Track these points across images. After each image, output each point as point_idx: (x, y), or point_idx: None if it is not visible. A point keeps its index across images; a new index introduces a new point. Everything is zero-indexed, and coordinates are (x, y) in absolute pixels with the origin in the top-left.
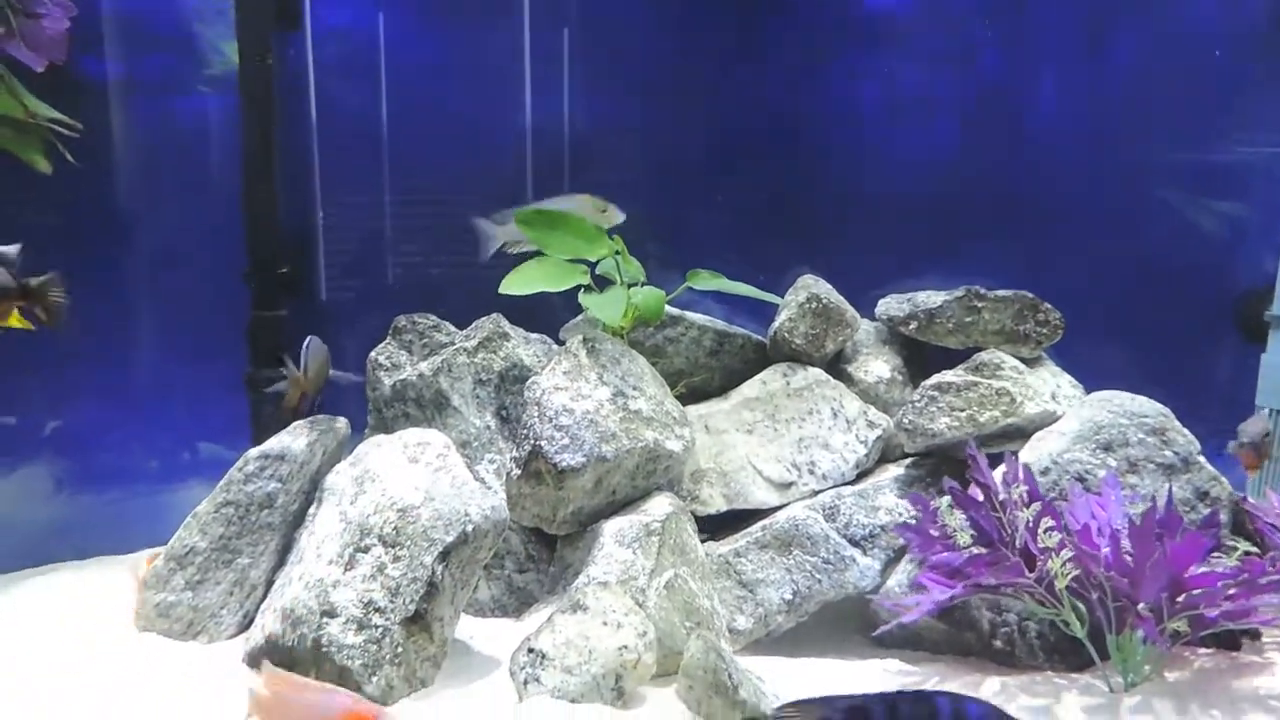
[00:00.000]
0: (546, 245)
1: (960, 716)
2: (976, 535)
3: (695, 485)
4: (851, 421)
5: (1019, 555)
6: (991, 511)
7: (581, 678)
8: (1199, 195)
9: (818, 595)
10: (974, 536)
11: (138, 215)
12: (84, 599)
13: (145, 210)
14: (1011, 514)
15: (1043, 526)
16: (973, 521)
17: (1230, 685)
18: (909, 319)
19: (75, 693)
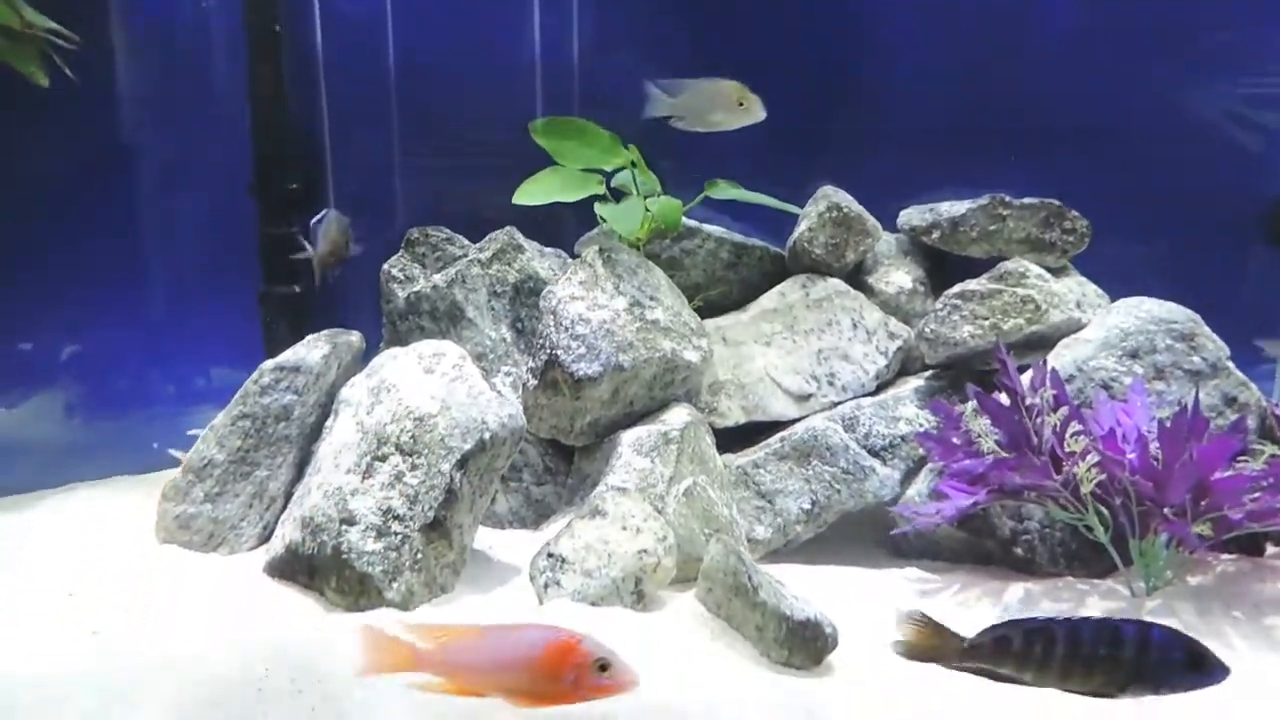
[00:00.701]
0: (559, 155)
1: (1145, 639)
2: (1002, 439)
3: (713, 398)
4: (872, 333)
5: (1045, 459)
6: (1017, 416)
7: (601, 581)
8: (1228, 102)
9: (837, 505)
10: (999, 441)
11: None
12: (103, 516)
13: (150, 128)
14: (1038, 419)
15: (1070, 431)
16: (998, 425)
17: (1253, 588)
18: (931, 228)
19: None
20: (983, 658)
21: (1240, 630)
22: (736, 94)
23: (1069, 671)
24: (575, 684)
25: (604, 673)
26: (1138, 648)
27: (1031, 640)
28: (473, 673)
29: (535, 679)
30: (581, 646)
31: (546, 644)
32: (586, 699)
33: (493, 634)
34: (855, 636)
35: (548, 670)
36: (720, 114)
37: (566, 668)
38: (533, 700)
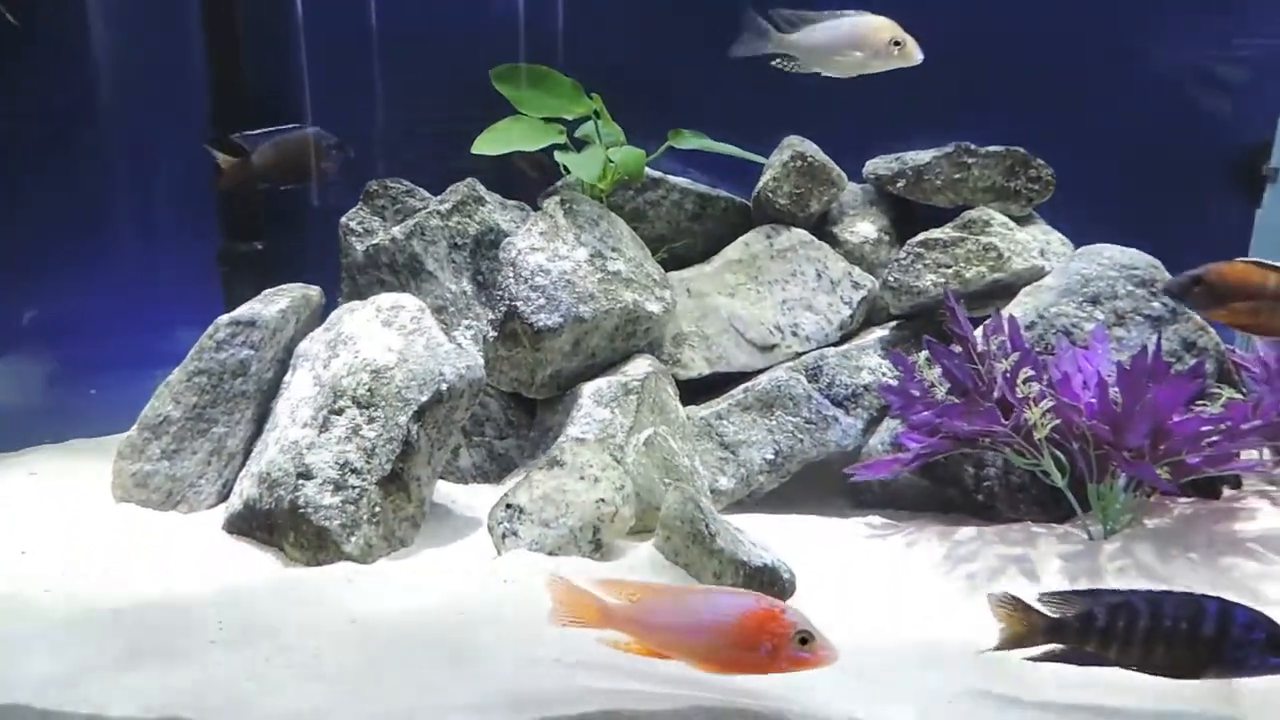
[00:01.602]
0: (520, 103)
1: (1226, 617)
2: (951, 386)
3: (677, 349)
4: (836, 283)
5: (996, 405)
6: (969, 363)
7: (559, 531)
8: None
9: (800, 455)
10: (949, 388)
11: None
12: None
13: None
14: (990, 365)
15: (1021, 376)
16: (946, 372)
17: (1210, 529)
18: (897, 177)
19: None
20: (1069, 636)
21: (1198, 572)
22: (889, 33)
23: (1151, 649)
24: (771, 654)
25: (804, 645)
26: (1219, 625)
27: (1115, 616)
28: (663, 633)
29: (731, 645)
30: (785, 616)
31: (748, 610)
32: (781, 670)
33: (689, 595)
34: (815, 583)
35: (745, 637)
36: (864, 55)
37: (765, 636)
38: (723, 667)
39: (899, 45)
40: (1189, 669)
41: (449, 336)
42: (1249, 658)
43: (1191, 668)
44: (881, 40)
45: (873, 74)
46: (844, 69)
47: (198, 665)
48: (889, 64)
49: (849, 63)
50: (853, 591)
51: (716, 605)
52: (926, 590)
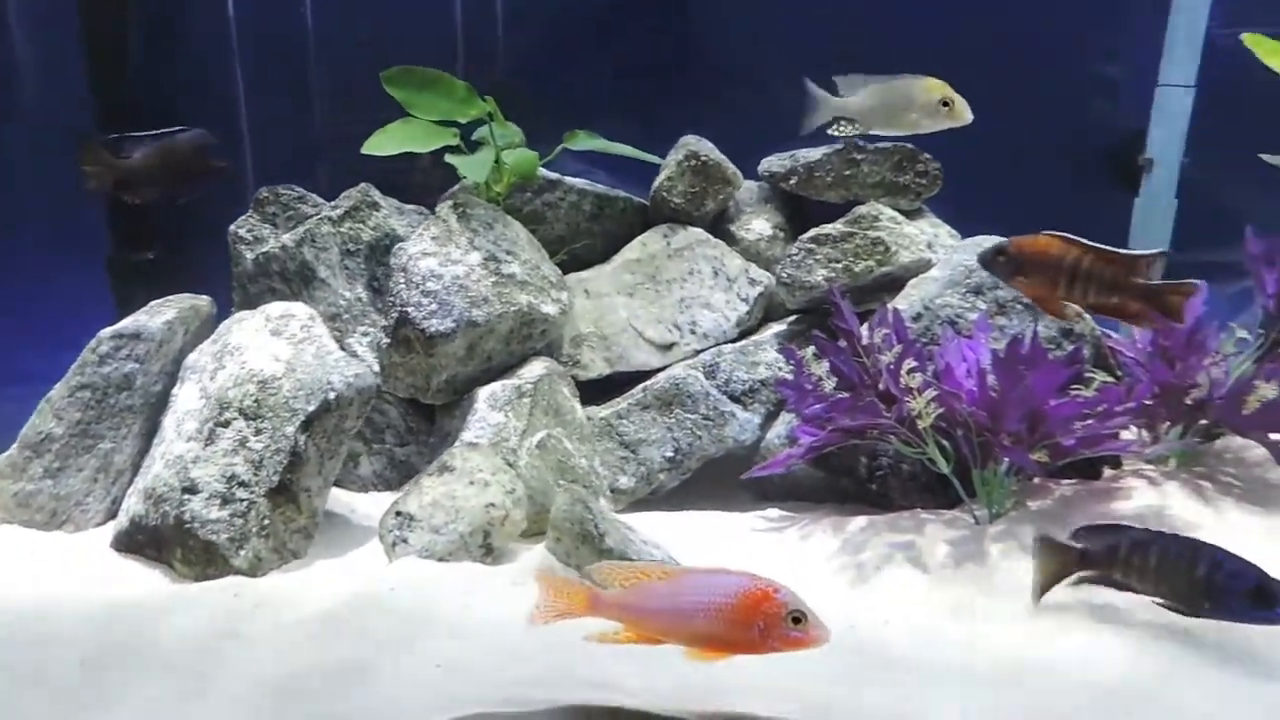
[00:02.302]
0: (412, 105)
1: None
2: (837, 380)
3: (576, 350)
4: (733, 280)
5: (882, 397)
6: (855, 357)
7: (449, 537)
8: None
9: (699, 451)
10: (836, 382)
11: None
12: None
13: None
14: (874, 358)
15: (905, 368)
16: (832, 367)
17: (1089, 509)
18: (789, 174)
19: None
20: (1098, 565)
21: None
22: (939, 93)
23: (1161, 582)
24: (763, 634)
25: (795, 625)
26: (1209, 570)
27: (1133, 549)
28: (654, 618)
29: (724, 626)
30: (778, 596)
31: (742, 590)
32: (774, 650)
33: (681, 578)
34: None
35: (739, 617)
36: (916, 116)
37: (758, 615)
38: (716, 648)
39: (948, 105)
40: (1190, 606)
41: (343, 345)
42: (1233, 604)
43: (1192, 605)
44: (932, 101)
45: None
46: (898, 129)
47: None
48: (940, 124)
49: (903, 123)
50: None
51: (710, 586)
52: (815, 581)
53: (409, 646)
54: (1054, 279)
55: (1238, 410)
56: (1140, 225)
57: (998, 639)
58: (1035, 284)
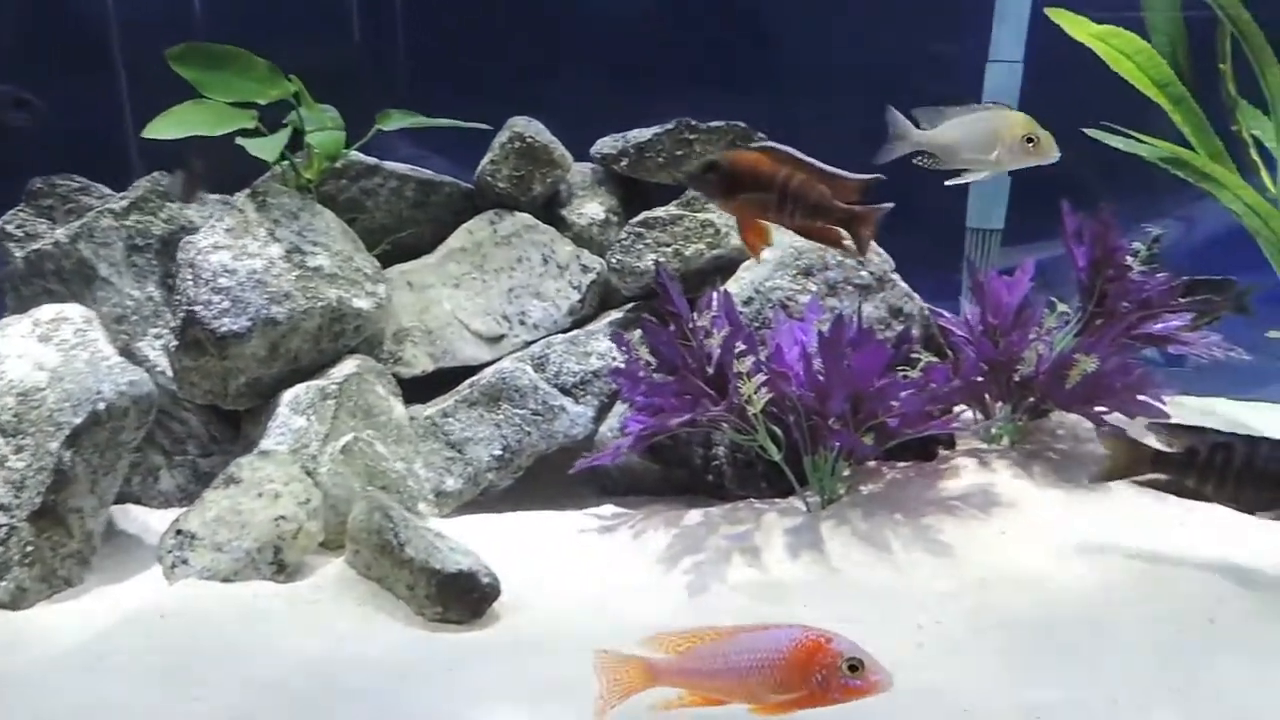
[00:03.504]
0: (205, 86)
1: None
2: (658, 364)
3: (398, 346)
4: (564, 267)
5: (711, 382)
6: (683, 340)
7: (233, 554)
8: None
9: (529, 448)
10: (657, 365)
11: None
12: None
13: None
14: (702, 341)
15: (735, 351)
16: (654, 350)
17: (918, 492)
18: (620, 156)
19: None
20: (1172, 468)
21: (898, 531)
22: (1024, 129)
23: (1241, 487)
24: (823, 685)
25: (854, 674)
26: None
27: (1215, 453)
28: (714, 680)
29: (781, 681)
30: (831, 646)
31: (794, 643)
32: (836, 702)
33: (735, 636)
34: (531, 582)
35: (795, 672)
36: (1000, 153)
37: (815, 667)
38: (779, 706)
39: (1034, 141)
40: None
41: (131, 350)
42: None
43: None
44: (1016, 137)
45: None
46: (979, 166)
47: None
48: (1023, 161)
49: (984, 160)
50: (567, 589)
51: (763, 642)
52: (642, 580)
53: (174, 678)
54: (764, 200)
55: (1061, 385)
56: (975, 202)
57: None
58: (745, 204)
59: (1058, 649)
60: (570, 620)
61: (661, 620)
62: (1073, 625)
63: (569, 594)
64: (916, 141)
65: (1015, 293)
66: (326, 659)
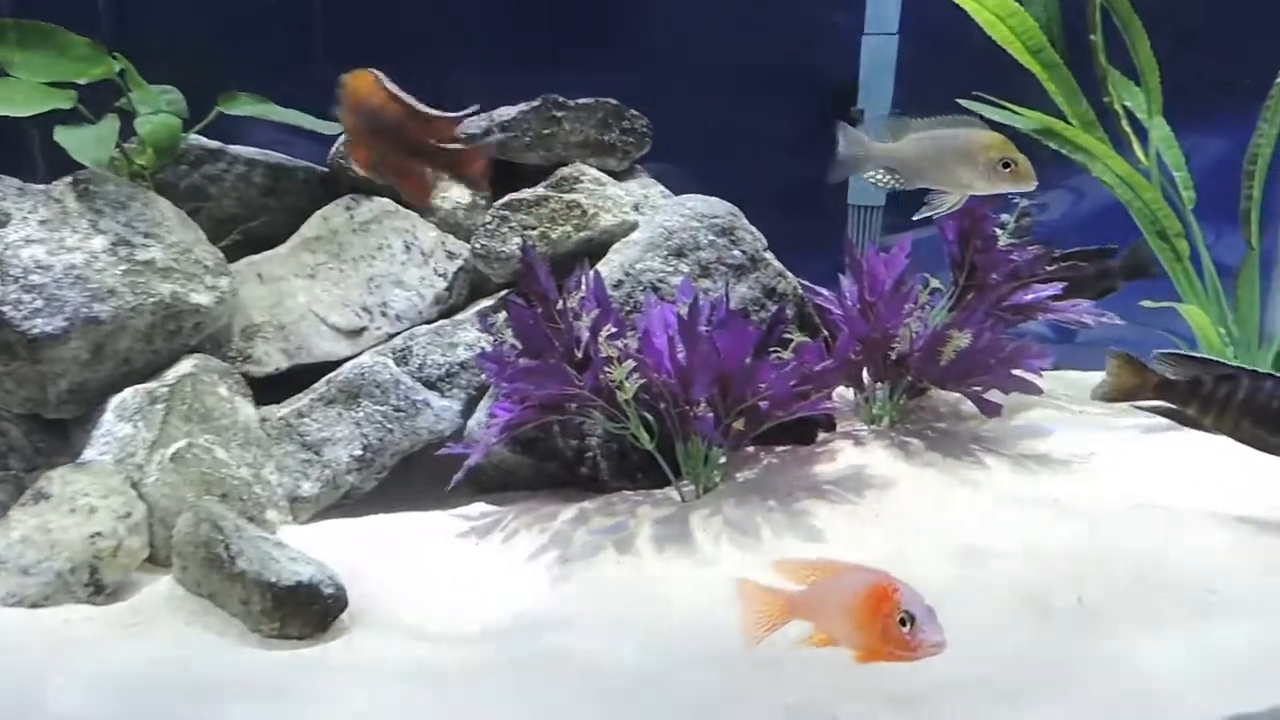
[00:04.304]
0: (15, 66)
1: None
2: (522, 347)
3: (248, 343)
4: (428, 254)
5: (582, 367)
6: (550, 323)
7: (42, 577)
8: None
9: (391, 447)
10: (520, 348)
11: None
12: None
13: None
14: (570, 324)
15: (603, 334)
16: (517, 332)
17: (793, 477)
18: (485, 136)
19: None
20: (1175, 396)
21: (771, 519)
22: (999, 151)
23: (1242, 419)
24: (884, 637)
25: (904, 628)
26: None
27: (1219, 384)
28: (826, 620)
29: (855, 627)
30: (894, 595)
31: (864, 588)
32: (896, 657)
33: (840, 575)
34: (387, 591)
35: (863, 618)
36: (969, 176)
37: (877, 617)
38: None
39: (1010, 166)
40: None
41: None
42: None
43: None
44: (990, 160)
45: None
46: (946, 186)
47: None
48: (996, 187)
49: (953, 181)
50: (425, 595)
51: (848, 584)
52: (506, 582)
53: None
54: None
55: (935, 362)
56: (857, 179)
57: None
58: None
59: None
60: (425, 629)
61: (527, 625)
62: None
63: (426, 601)
64: (876, 155)
65: (892, 269)
66: (142, 686)
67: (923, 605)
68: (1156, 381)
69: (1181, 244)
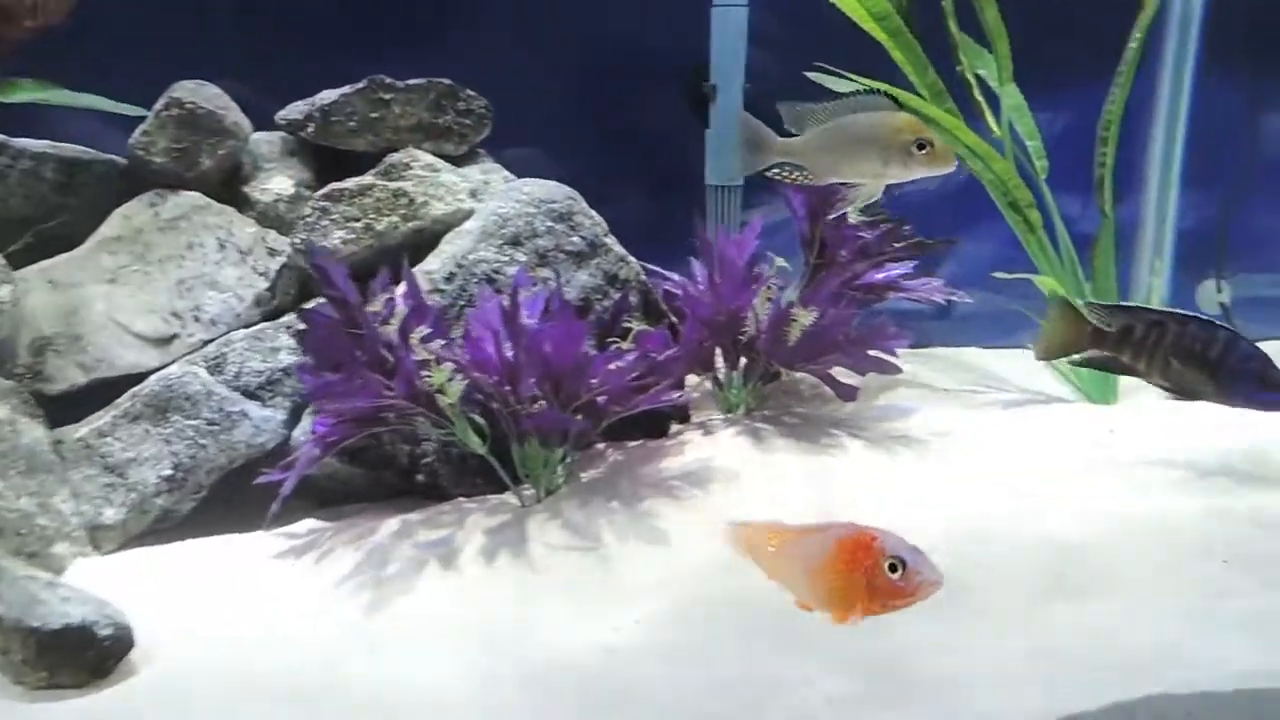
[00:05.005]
0: None
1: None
2: (316, 360)
3: (38, 359)
4: (246, 252)
5: (398, 374)
6: (353, 328)
7: None
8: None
9: (206, 464)
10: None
11: None
12: None
13: None
14: (372, 329)
15: (415, 336)
16: (309, 347)
17: (640, 473)
18: (306, 121)
19: None
20: (1109, 345)
21: (613, 520)
22: (910, 131)
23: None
24: (870, 588)
25: (894, 575)
26: (1223, 351)
27: (1149, 331)
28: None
29: (833, 584)
30: (876, 543)
31: (838, 541)
32: (887, 608)
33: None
34: (191, 622)
35: (841, 571)
36: (881, 163)
37: (858, 569)
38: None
39: (926, 148)
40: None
41: None
42: (1240, 386)
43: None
44: (903, 142)
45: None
46: (859, 178)
47: None
48: (914, 172)
49: (864, 171)
50: (226, 629)
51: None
52: (315, 606)
53: None
54: None
55: (783, 343)
56: (714, 158)
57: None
58: None
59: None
60: (221, 666)
61: (329, 656)
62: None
63: (226, 635)
64: (781, 151)
65: (744, 250)
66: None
67: (907, 546)
68: (1091, 331)
69: (1034, 214)
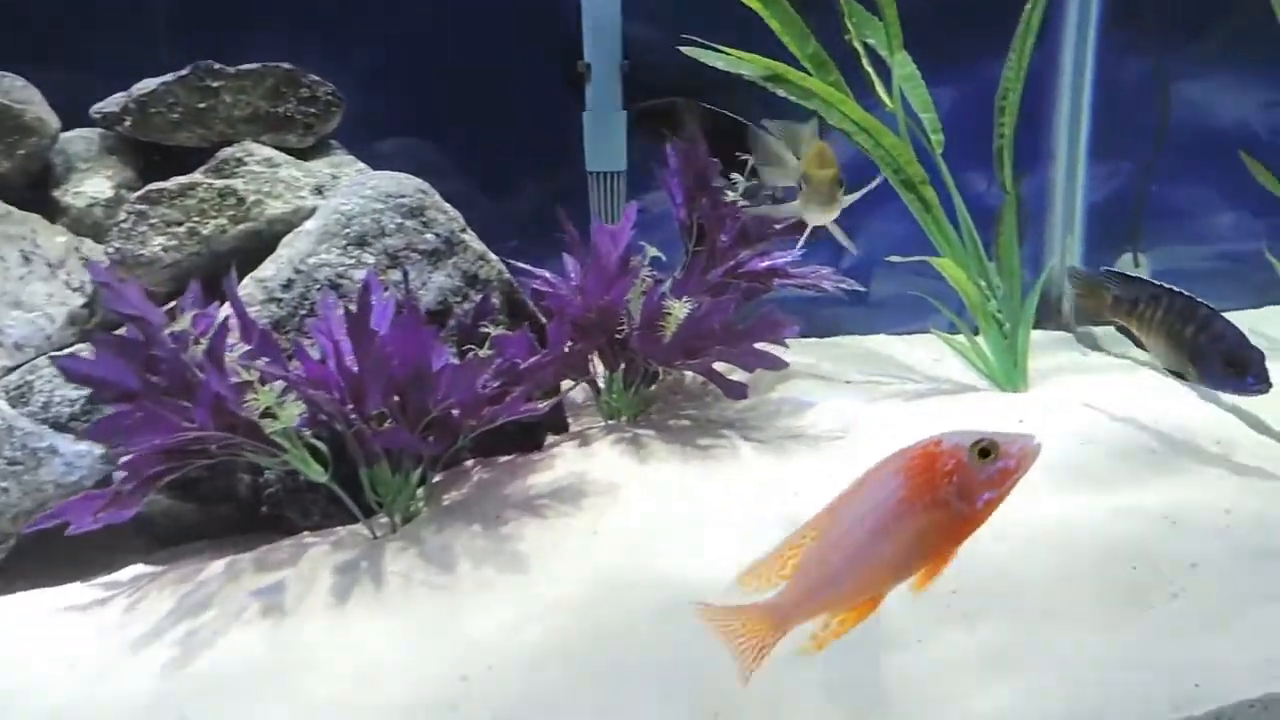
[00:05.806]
0: None
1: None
2: (98, 391)
3: None
4: (56, 265)
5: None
6: (153, 351)
7: None
8: None
9: (9, 510)
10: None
11: None
12: None
13: None
14: (170, 351)
15: (234, 355)
16: (86, 379)
17: (505, 493)
18: (123, 114)
19: None
20: (1121, 314)
21: (472, 548)
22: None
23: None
24: (964, 495)
25: (988, 459)
26: (1198, 329)
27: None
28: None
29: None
30: (943, 446)
31: (903, 467)
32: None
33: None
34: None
35: (925, 498)
36: None
37: (941, 480)
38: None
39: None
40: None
41: None
42: (1210, 365)
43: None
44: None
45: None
46: None
47: None
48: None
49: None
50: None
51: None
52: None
53: None
54: None
55: (658, 340)
56: (593, 140)
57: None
58: None
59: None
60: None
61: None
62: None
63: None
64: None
65: (619, 241)
66: None
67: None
68: (1112, 299)
69: (928, 192)
